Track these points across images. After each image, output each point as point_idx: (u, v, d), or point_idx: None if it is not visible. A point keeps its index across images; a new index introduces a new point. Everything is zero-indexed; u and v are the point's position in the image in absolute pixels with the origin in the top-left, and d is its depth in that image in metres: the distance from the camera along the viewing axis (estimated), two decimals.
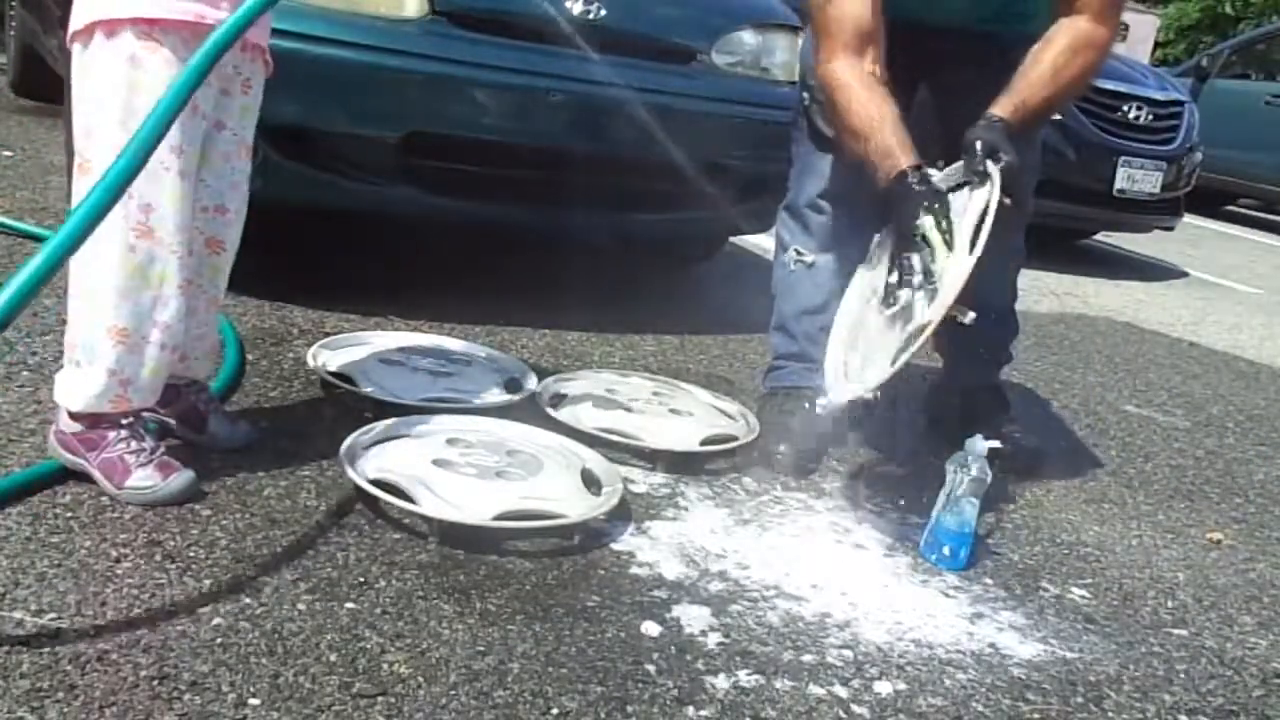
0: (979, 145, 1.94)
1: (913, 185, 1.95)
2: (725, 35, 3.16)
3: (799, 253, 2.47)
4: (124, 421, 1.81)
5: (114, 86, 1.70)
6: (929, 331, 1.82)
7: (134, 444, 1.79)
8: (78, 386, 1.79)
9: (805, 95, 2.42)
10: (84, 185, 1.74)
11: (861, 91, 2.05)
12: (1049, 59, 2.07)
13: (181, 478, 1.79)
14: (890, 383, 1.85)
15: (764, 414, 2.49)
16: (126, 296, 1.75)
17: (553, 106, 2.86)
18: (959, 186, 1.98)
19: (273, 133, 2.51)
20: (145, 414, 1.88)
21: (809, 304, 2.47)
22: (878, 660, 1.69)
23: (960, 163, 1.98)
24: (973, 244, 1.84)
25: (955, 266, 1.86)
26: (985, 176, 1.92)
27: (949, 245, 1.89)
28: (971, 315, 1.83)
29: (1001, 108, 2.02)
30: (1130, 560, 2.23)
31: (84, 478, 1.80)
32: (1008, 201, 1.87)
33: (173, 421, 1.99)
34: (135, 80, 1.69)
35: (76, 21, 1.73)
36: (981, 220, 1.85)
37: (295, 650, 1.47)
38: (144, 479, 1.77)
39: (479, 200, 2.97)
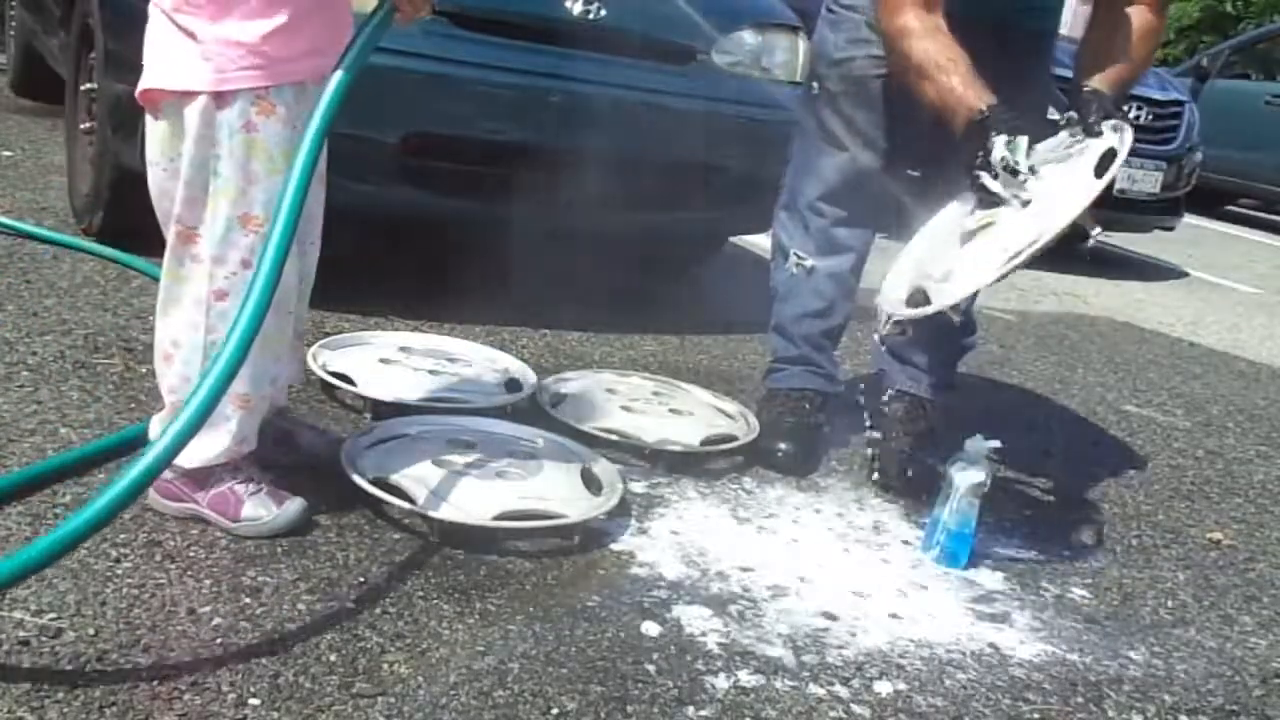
0: (1094, 108, 1.94)
1: (993, 120, 1.91)
2: (725, 35, 3.16)
3: (799, 256, 2.43)
4: None
5: (230, 155, 1.63)
6: (1043, 245, 1.79)
7: (241, 475, 1.76)
8: (196, 448, 1.65)
9: (814, 85, 2.38)
10: (187, 252, 1.68)
11: (934, 38, 2.02)
12: (1124, 43, 2.09)
13: (294, 505, 1.77)
14: (968, 301, 1.87)
15: (764, 414, 2.48)
16: (250, 364, 1.62)
17: (553, 106, 2.86)
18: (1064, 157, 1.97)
19: None
20: None
21: (810, 308, 2.45)
22: (878, 660, 1.69)
23: (1061, 134, 1.96)
24: (1100, 170, 1.83)
25: (1082, 182, 1.83)
26: (1100, 135, 1.91)
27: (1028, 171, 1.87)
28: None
29: (1100, 83, 2.02)
30: (1130, 560, 2.23)
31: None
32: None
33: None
34: (251, 146, 1.64)
35: (171, 80, 1.63)
36: (1107, 161, 1.84)
37: (295, 650, 1.47)
38: (257, 509, 1.74)
39: (479, 200, 2.97)
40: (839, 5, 2.33)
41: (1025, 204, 1.86)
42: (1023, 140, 1.87)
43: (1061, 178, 1.87)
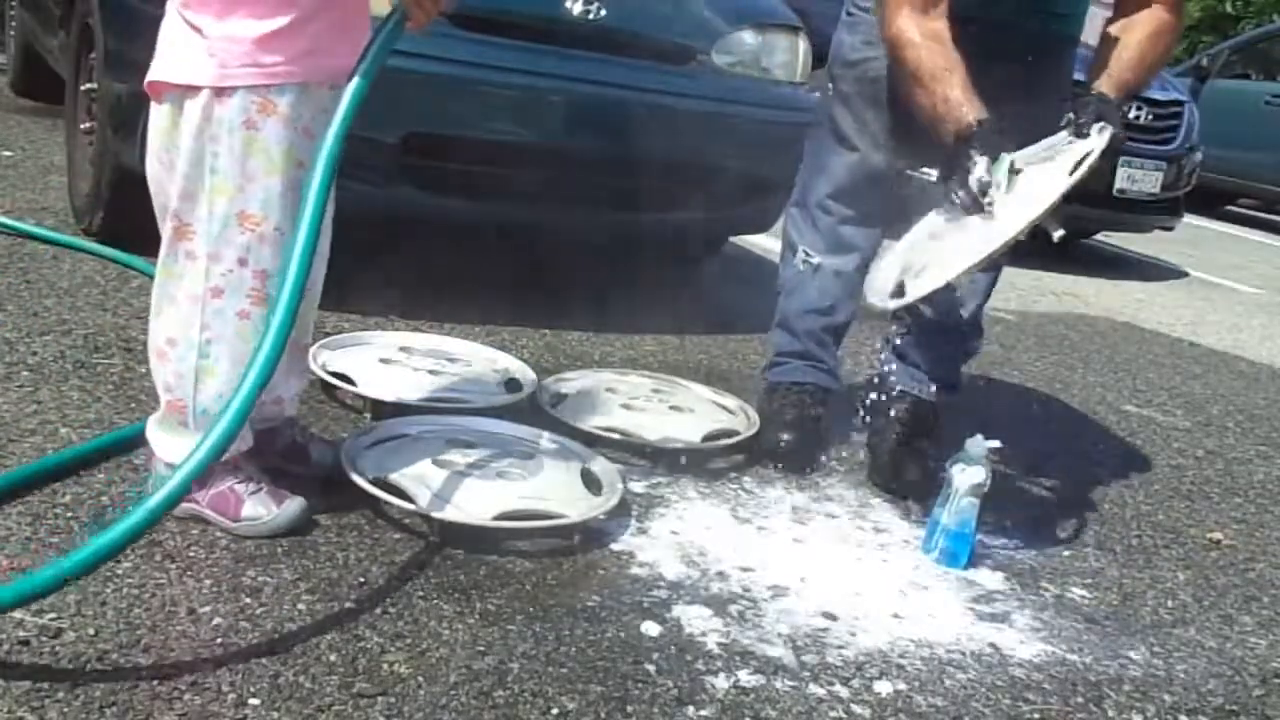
0: (1090, 110, 1.95)
1: (980, 135, 1.92)
2: (725, 35, 3.16)
3: (806, 253, 2.45)
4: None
5: (230, 152, 1.63)
6: (1009, 241, 1.82)
7: (240, 474, 1.76)
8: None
9: (830, 86, 2.41)
10: (181, 249, 1.68)
11: (929, 46, 2.03)
12: (1135, 44, 2.09)
13: (294, 504, 1.77)
14: (937, 294, 1.90)
15: (764, 408, 2.49)
16: (242, 364, 1.62)
17: (553, 106, 2.86)
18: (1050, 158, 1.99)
19: None
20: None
21: (814, 304, 2.46)
22: (878, 660, 1.69)
23: (1048, 139, 1.98)
24: (1073, 170, 1.85)
25: (1051, 181, 1.85)
26: (1087, 137, 1.92)
27: (1012, 173, 1.90)
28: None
29: (1105, 86, 2.02)
30: (1130, 560, 2.23)
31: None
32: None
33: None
34: (251, 143, 1.63)
35: (175, 73, 1.63)
36: (1080, 162, 1.86)
37: (295, 650, 1.47)
38: (257, 508, 1.74)
39: (479, 200, 2.97)
40: (856, 7, 2.35)
41: (989, 213, 1.89)
42: (1005, 159, 1.89)
43: (1038, 178, 1.89)
